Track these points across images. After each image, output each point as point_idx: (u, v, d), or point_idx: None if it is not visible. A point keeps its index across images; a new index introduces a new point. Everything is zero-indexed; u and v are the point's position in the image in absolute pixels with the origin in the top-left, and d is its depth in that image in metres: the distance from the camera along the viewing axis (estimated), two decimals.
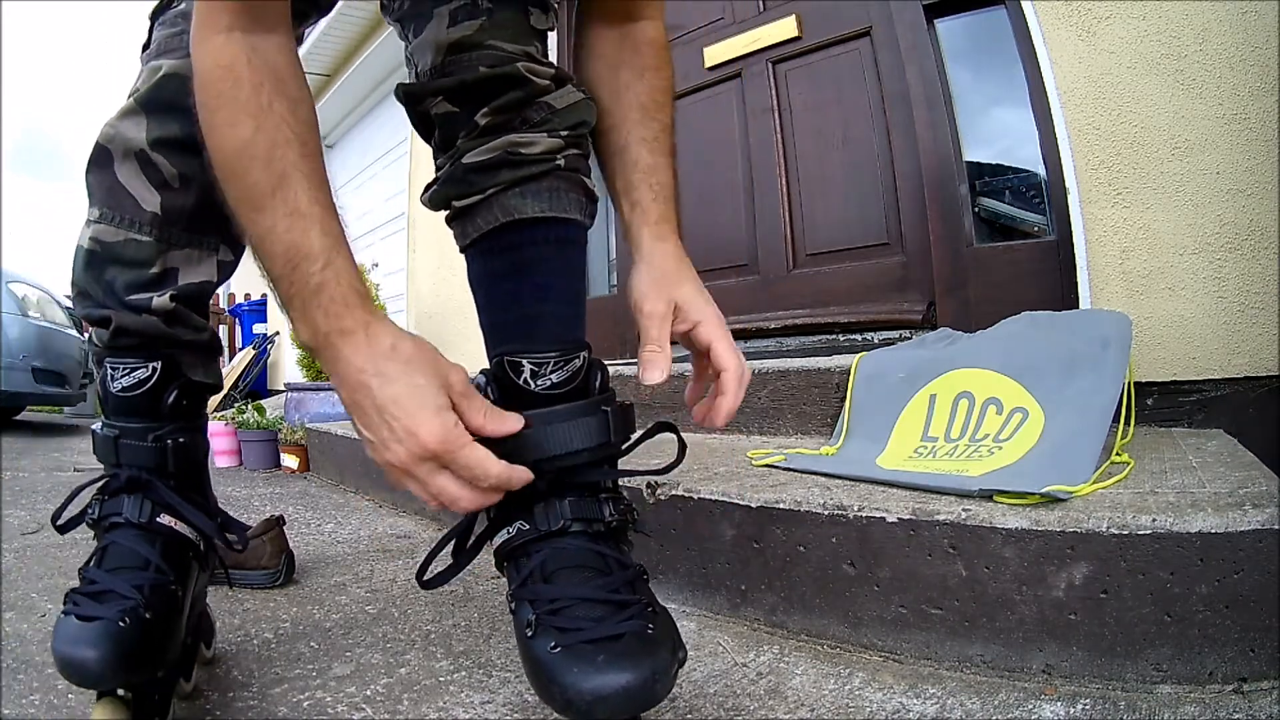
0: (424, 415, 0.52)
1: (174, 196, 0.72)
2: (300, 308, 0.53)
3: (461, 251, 0.74)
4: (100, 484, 0.73)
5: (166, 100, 0.70)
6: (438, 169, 0.73)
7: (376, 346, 0.53)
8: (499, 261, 0.69)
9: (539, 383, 0.63)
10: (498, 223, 0.68)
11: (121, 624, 0.61)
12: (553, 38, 2.80)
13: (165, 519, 0.71)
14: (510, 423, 0.57)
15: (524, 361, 0.63)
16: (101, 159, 0.72)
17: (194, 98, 0.56)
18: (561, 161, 0.69)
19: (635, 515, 0.65)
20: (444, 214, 0.74)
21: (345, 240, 0.56)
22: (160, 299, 0.72)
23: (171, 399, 0.73)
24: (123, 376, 0.72)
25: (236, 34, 0.53)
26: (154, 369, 0.73)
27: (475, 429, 0.55)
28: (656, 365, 0.65)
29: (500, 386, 0.64)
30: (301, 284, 0.53)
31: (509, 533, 0.62)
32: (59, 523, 0.73)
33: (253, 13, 0.54)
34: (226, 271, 0.79)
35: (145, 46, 0.77)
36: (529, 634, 0.56)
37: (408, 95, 0.72)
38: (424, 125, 0.74)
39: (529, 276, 0.67)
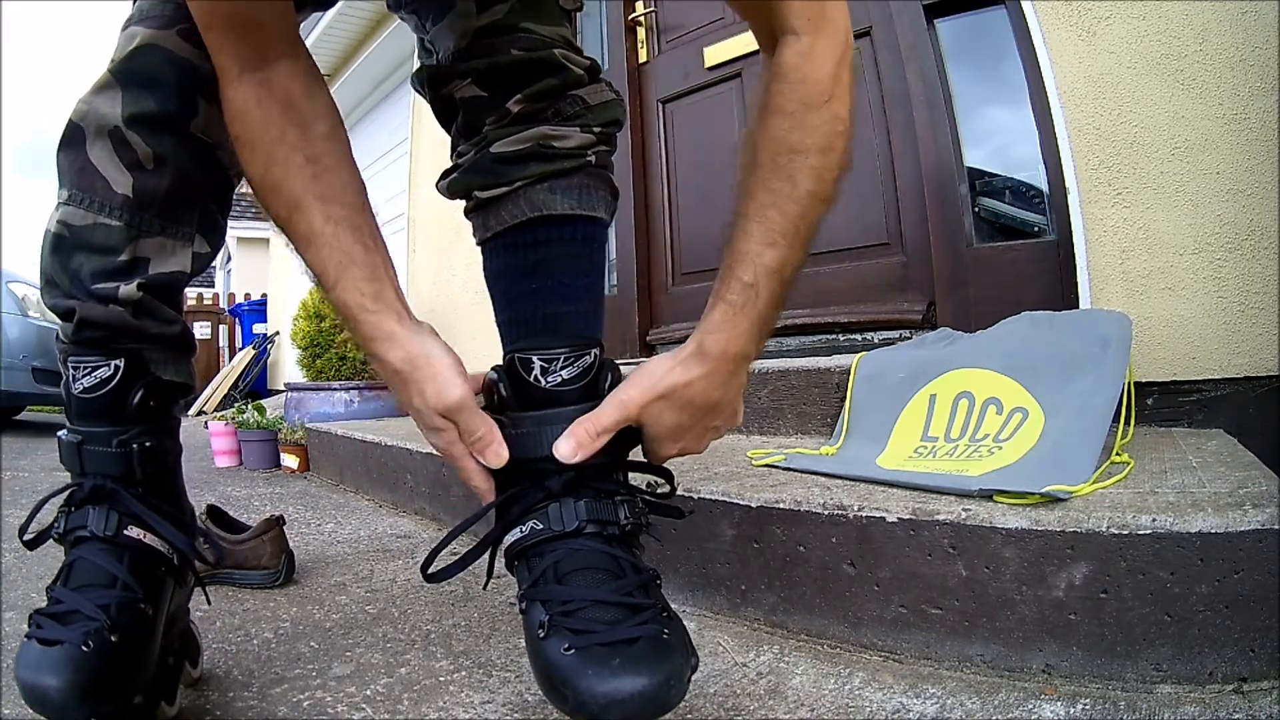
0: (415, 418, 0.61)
1: (147, 179, 0.66)
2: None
3: (480, 244, 0.72)
4: (66, 495, 0.67)
5: (142, 73, 0.65)
6: (458, 155, 0.71)
7: (381, 363, 0.60)
8: (523, 257, 0.68)
9: (549, 379, 0.62)
10: (524, 217, 0.67)
11: (85, 648, 0.57)
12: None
13: (134, 531, 0.66)
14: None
15: (534, 358, 0.62)
16: (74, 137, 0.66)
17: (176, 75, 0.63)
18: (592, 158, 0.68)
19: (648, 520, 0.64)
20: (460, 204, 0.73)
21: (366, 245, 0.60)
22: (128, 288, 0.67)
23: (137, 399, 0.68)
24: (84, 376, 0.67)
25: (247, 75, 0.58)
26: (116, 367, 0.67)
27: (466, 433, 0.61)
28: (572, 439, 0.59)
29: (512, 383, 0.64)
30: (326, 291, 0.61)
31: (521, 532, 0.61)
32: (25, 538, 0.68)
33: (258, 53, 0.58)
34: (202, 264, 0.73)
35: None
36: (541, 635, 0.55)
37: (432, 78, 0.71)
38: (445, 110, 0.72)
39: (553, 275, 0.67)
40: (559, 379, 0.62)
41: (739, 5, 0.58)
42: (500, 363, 0.66)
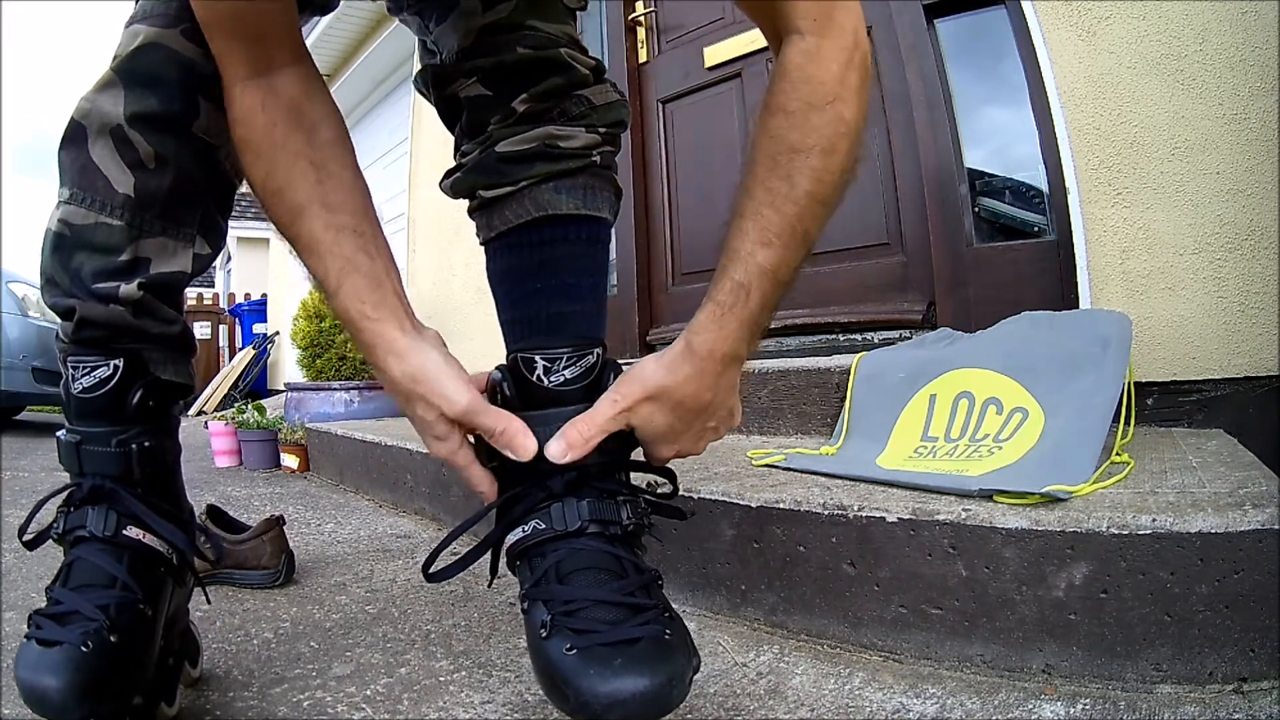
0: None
1: (148, 178, 0.65)
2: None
3: (484, 244, 0.72)
4: (65, 495, 0.67)
5: (145, 72, 0.64)
6: (462, 155, 0.72)
7: (384, 375, 0.59)
8: (527, 257, 0.68)
9: (552, 379, 0.62)
10: (529, 217, 0.67)
11: (84, 648, 0.57)
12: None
13: (133, 531, 0.65)
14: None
15: (537, 358, 0.62)
16: (75, 136, 0.65)
17: (179, 75, 0.62)
18: (597, 158, 0.69)
19: (651, 520, 0.64)
20: (464, 204, 0.73)
21: (369, 252, 0.60)
22: (128, 287, 0.66)
23: (136, 399, 0.67)
24: (83, 376, 0.66)
25: (252, 81, 0.58)
26: (115, 367, 0.67)
27: (486, 432, 0.59)
28: (563, 440, 0.58)
29: (515, 382, 0.64)
30: (328, 299, 0.60)
31: (523, 531, 0.61)
32: (25, 538, 0.68)
33: (263, 59, 0.58)
34: (202, 264, 0.73)
35: None
36: (543, 635, 0.55)
37: (436, 78, 0.71)
38: (449, 110, 0.72)
39: (557, 275, 0.67)
40: (561, 379, 0.62)
41: (745, 5, 0.58)
42: (503, 362, 0.67)
